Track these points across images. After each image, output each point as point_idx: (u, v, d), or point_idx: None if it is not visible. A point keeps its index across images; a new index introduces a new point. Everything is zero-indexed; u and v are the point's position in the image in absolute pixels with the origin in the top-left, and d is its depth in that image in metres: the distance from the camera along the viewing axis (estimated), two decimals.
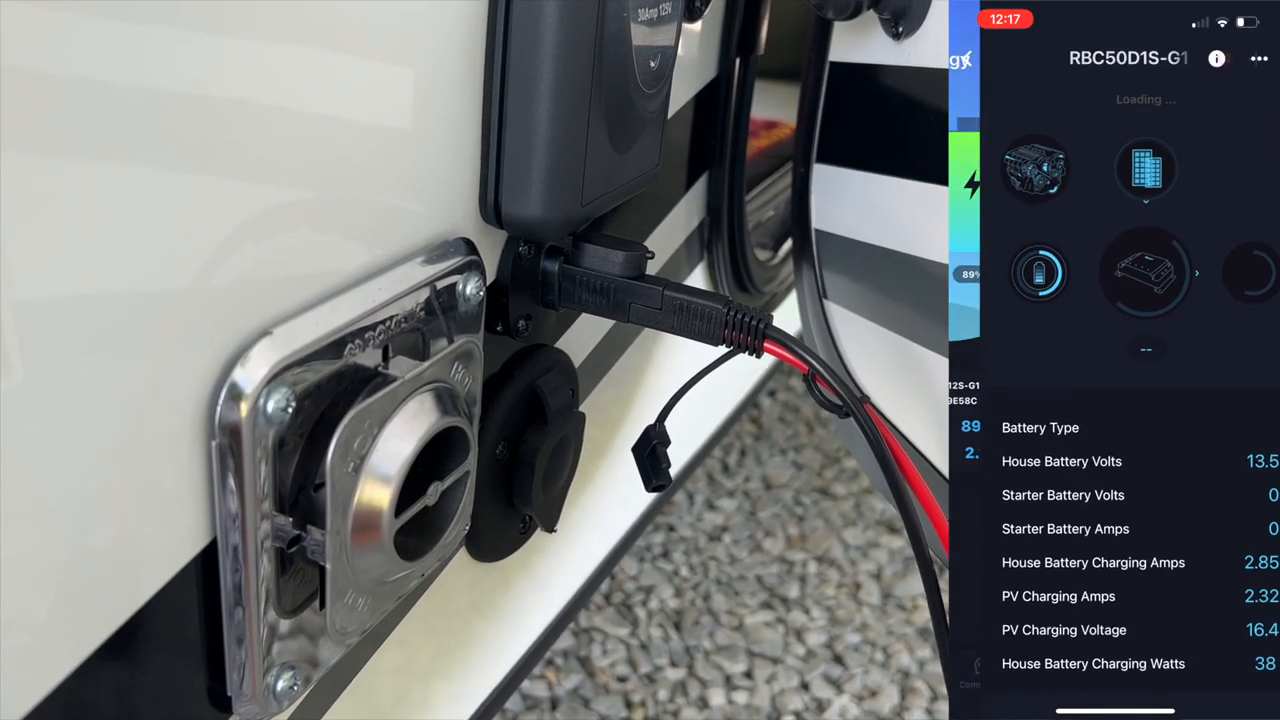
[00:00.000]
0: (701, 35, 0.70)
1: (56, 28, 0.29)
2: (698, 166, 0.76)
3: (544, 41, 0.45)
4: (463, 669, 0.65)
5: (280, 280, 0.39)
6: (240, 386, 0.37)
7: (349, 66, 0.40)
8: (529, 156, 0.47)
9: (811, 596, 1.35)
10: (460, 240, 0.47)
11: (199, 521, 0.38)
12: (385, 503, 0.42)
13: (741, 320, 0.51)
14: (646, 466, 0.56)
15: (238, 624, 0.40)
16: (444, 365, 0.46)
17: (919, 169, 0.60)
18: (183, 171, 0.34)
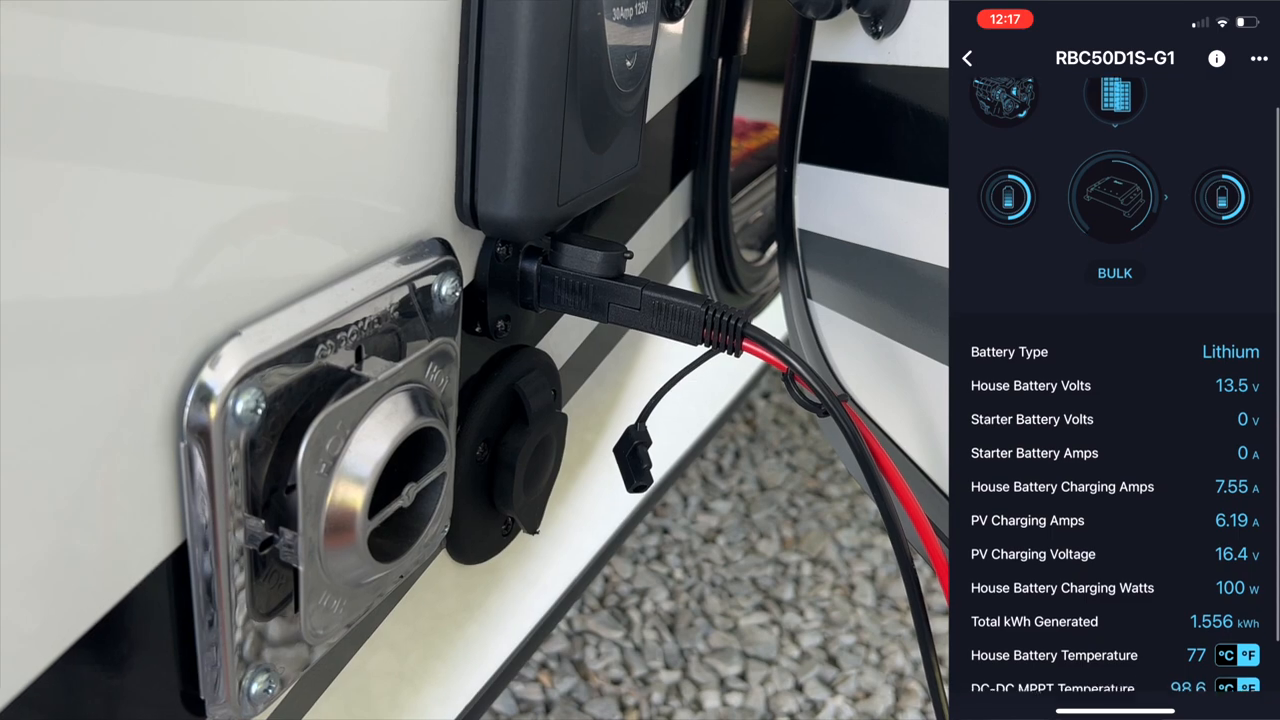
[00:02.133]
0: (683, 35, 0.70)
1: (22, 29, 0.29)
2: (681, 167, 0.75)
3: (517, 40, 0.45)
4: (448, 669, 0.65)
5: (251, 281, 0.39)
6: (209, 387, 0.37)
7: (320, 67, 0.40)
8: (504, 156, 0.47)
9: (806, 598, 1.35)
10: (435, 240, 0.47)
11: (170, 524, 0.38)
12: (358, 504, 0.42)
13: (720, 320, 0.51)
14: (628, 467, 0.56)
15: (210, 627, 0.40)
16: (418, 366, 0.45)
17: (901, 167, 0.60)
18: (153, 172, 0.34)
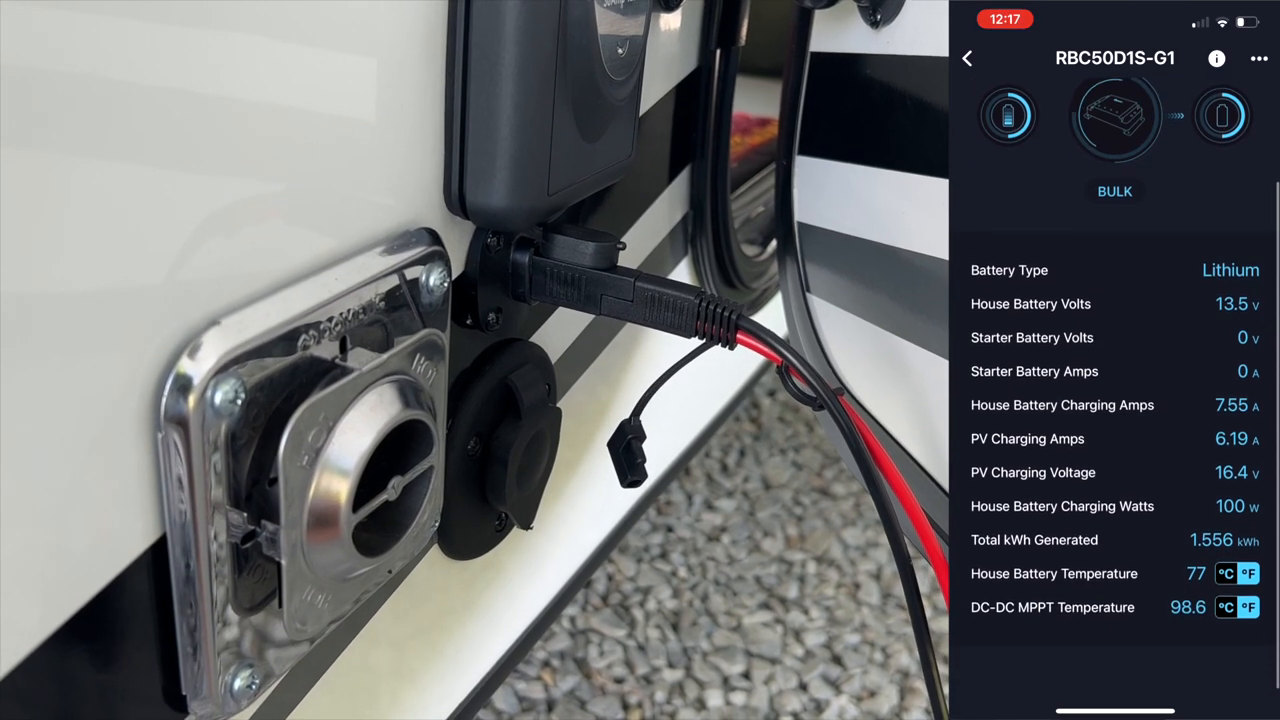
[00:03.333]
0: (681, 26, 0.69)
1: (5, 19, 0.29)
2: (679, 160, 0.75)
3: (506, 27, 0.44)
4: (443, 665, 0.64)
5: (233, 272, 0.38)
6: (187, 376, 0.36)
7: (305, 55, 0.39)
8: (493, 144, 0.46)
9: (810, 597, 1.34)
10: (423, 230, 0.47)
11: (148, 515, 0.38)
12: (342, 497, 0.41)
13: (714, 312, 0.50)
14: (622, 462, 0.55)
15: (190, 622, 0.39)
16: (405, 358, 0.45)
17: (899, 159, 0.59)
18: (134, 162, 0.34)
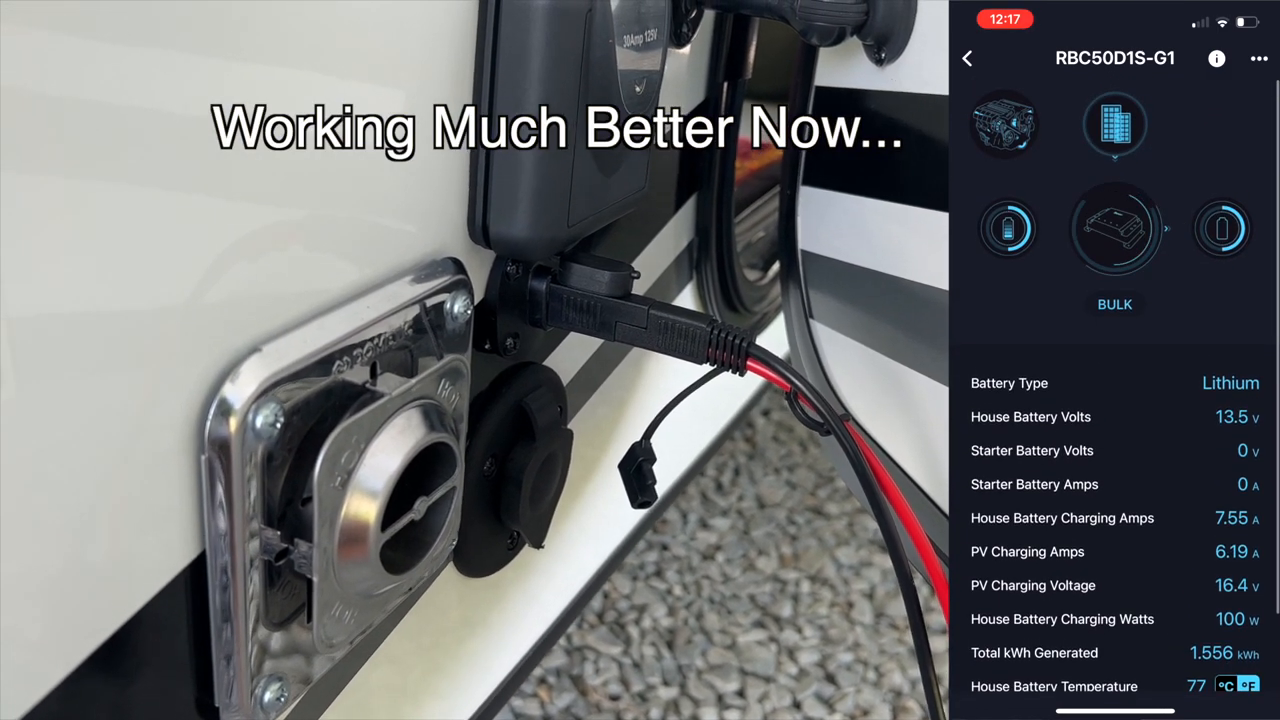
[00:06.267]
0: (690, 59, 0.71)
1: (49, 49, 0.30)
2: (686, 188, 0.77)
3: (531, 65, 0.46)
4: (450, 684, 0.65)
5: (271, 299, 0.40)
6: (230, 402, 0.38)
7: (339, 88, 0.41)
8: (516, 178, 0.48)
9: (804, 615, 1.36)
10: (448, 260, 0.48)
11: (188, 534, 0.39)
12: (372, 517, 0.43)
13: (725, 339, 0.52)
14: (633, 483, 0.57)
15: (226, 636, 0.41)
16: (431, 382, 0.46)
17: (902, 192, 0.61)
18: (176, 190, 0.35)
